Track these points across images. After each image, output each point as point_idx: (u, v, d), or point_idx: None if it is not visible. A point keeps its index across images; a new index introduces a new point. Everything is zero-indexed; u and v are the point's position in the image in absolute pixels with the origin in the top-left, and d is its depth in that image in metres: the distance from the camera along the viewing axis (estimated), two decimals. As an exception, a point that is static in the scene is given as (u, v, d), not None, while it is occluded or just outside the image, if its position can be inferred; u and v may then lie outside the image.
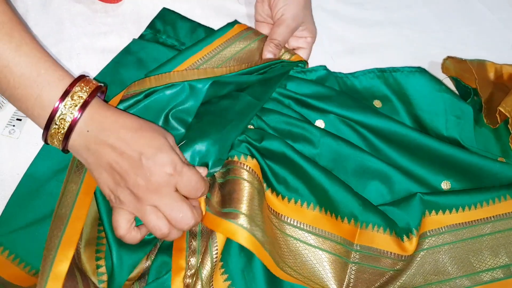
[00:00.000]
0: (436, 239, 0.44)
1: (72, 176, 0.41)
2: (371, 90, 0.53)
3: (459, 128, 0.50)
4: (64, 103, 0.36)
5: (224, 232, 0.40)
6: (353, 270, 0.42)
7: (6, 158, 0.47)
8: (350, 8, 0.59)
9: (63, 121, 0.36)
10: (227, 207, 0.41)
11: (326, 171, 0.44)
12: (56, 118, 0.36)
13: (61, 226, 0.38)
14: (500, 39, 0.59)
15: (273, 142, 0.45)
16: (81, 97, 0.36)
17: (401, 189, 0.46)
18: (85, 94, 0.36)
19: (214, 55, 0.48)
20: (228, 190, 0.42)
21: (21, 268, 0.42)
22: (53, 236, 0.38)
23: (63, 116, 0.36)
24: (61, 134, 0.37)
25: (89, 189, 0.40)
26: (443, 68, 0.55)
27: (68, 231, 0.38)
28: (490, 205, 0.45)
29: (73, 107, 0.36)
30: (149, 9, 0.55)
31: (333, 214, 0.44)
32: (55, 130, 0.36)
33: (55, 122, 0.36)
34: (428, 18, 0.60)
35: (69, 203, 0.40)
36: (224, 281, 0.41)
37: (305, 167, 0.44)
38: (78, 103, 0.36)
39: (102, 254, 0.42)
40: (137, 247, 0.41)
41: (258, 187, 0.42)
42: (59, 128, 0.36)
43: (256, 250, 0.39)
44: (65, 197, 0.40)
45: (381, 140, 0.48)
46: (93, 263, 0.41)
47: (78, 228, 0.39)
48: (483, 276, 0.43)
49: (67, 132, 0.36)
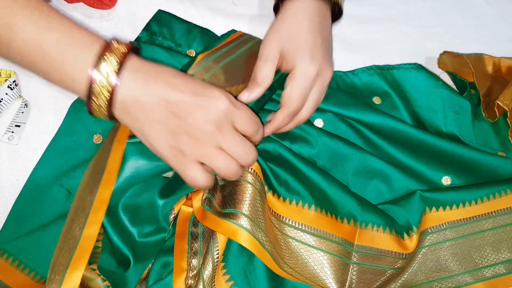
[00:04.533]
0: (437, 236, 0.44)
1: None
2: (371, 87, 0.52)
3: (458, 124, 0.50)
4: (100, 67, 0.33)
5: (224, 232, 0.40)
6: (355, 270, 0.42)
7: (5, 165, 0.47)
8: (346, 5, 0.59)
9: (107, 79, 0.33)
10: (228, 208, 0.41)
11: (323, 172, 0.44)
12: (97, 83, 0.33)
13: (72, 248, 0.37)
14: (498, 32, 0.59)
15: (269, 144, 0.45)
16: (119, 54, 0.34)
17: (400, 187, 0.46)
18: (121, 49, 0.34)
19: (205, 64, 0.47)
20: (229, 192, 0.42)
21: (26, 274, 0.42)
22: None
23: (102, 80, 0.33)
24: (104, 97, 0.34)
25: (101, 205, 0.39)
26: (439, 63, 0.55)
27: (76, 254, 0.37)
28: (491, 200, 0.45)
29: (113, 67, 0.34)
30: (144, 12, 0.55)
31: (333, 215, 0.44)
32: (99, 90, 0.34)
33: (96, 85, 0.34)
34: (425, 13, 0.59)
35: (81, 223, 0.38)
36: (226, 281, 0.41)
37: (302, 168, 0.44)
38: (116, 63, 0.34)
39: (94, 265, 0.42)
40: (150, 253, 0.42)
41: (260, 189, 0.42)
42: (101, 90, 0.34)
43: (256, 250, 0.40)
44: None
45: (380, 137, 0.48)
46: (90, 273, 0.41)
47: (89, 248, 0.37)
48: (485, 272, 0.43)
49: (111, 95, 0.34)
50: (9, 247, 0.42)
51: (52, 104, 0.49)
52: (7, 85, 0.48)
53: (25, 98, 0.49)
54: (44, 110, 0.49)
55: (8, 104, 0.48)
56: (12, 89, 0.49)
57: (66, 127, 0.47)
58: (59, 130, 0.47)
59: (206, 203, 0.43)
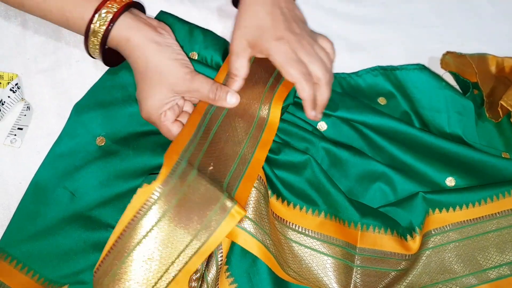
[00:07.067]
0: (441, 238, 0.44)
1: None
2: (375, 88, 0.52)
3: (461, 125, 0.50)
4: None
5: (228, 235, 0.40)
6: (358, 273, 0.42)
7: (8, 168, 0.47)
8: (348, 6, 0.59)
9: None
10: None
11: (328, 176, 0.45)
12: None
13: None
14: (501, 32, 0.59)
15: (282, 152, 0.46)
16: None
17: (403, 189, 0.46)
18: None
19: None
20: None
21: (30, 277, 0.42)
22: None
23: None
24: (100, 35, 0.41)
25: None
26: (442, 64, 0.55)
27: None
28: (494, 201, 0.45)
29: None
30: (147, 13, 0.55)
31: (337, 218, 0.44)
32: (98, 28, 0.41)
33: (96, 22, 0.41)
34: (428, 13, 0.59)
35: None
36: (230, 284, 0.41)
37: (319, 176, 0.44)
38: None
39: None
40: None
41: (264, 193, 0.42)
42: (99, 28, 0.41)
43: (260, 253, 0.39)
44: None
45: (383, 139, 0.48)
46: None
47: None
48: (489, 273, 0.43)
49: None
50: (12, 250, 0.42)
51: (55, 106, 0.49)
52: (10, 88, 0.48)
53: (27, 100, 0.49)
54: (47, 112, 0.49)
55: (10, 107, 0.48)
56: (15, 91, 0.48)
57: (68, 130, 0.47)
58: (61, 132, 0.47)
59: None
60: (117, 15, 0.41)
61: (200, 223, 0.37)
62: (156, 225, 0.37)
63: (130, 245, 0.37)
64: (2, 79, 0.49)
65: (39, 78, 0.51)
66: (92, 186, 0.45)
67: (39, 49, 0.52)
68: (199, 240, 0.37)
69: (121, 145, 0.46)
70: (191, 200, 0.38)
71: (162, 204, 0.37)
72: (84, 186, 0.45)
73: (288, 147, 0.46)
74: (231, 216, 0.37)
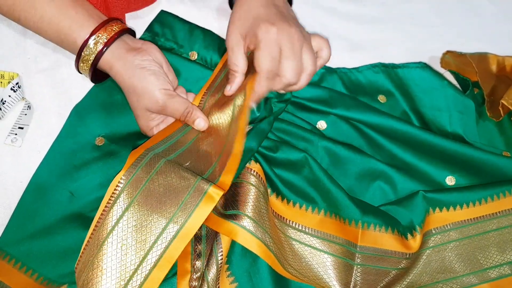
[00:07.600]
0: (441, 237, 0.44)
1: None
2: (375, 84, 0.52)
3: (462, 124, 0.50)
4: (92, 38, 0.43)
5: (226, 232, 0.40)
6: (359, 271, 0.42)
7: (8, 167, 0.47)
8: (349, 5, 0.59)
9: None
10: (230, 209, 0.41)
11: (328, 174, 0.45)
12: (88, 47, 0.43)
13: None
14: (502, 31, 0.59)
15: (280, 151, 0.46)
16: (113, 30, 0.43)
17: (403, 188, 0.46)
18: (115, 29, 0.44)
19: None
20: (231, 194, 0.42)
21: (29, 276, 0.42)
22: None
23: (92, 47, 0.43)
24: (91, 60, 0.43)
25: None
26: (442, 63, 0.55)
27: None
28: (495, 200, 0.45)
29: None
30: (146, 13, 0.55)
31: (337, 216, 0.44)
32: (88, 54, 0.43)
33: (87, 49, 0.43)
34: (428, 12, 0.59)
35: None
36: (230, 283, 0.41)
37: (318, 174, 0.44)
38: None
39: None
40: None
41: (263, 191, 0.42)
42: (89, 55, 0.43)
43: (260, 251, 0.40)
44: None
45: (384, 138, 0.48)
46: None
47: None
48: (490, 273, 0.43)
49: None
50: (12, 250, 0.42)
51: (55, 106, 0.50)
52: (10, 87, 0.48)
53: (28, 100, 0.49)
54: (47, 112, 0.49)
55: (11, 106, 0.48)
56: (15, 91, 0.49)
57: (68, 129, 0.47)
58: (61, 132, 0.47)
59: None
60: (104, 47, 0.43)
61: (175, 206, 0.38)
62: (127, 211, 0.37)
63: (104, 233, 0.37)
64: (3, 78, 0.49)
65: (39, 78, 0.51)
66: (91, 186, 0.45)
67: (39, 49, 0.52)
68: (177, 223, 0.37)
69: (120, 146, 0.47)
70: (162, 185, 0.38)
71: (130, 191, 0.38)
72: (83, 186, 0.45)
73: (285, 145, 0.46)
74: (209, 197, 0.37)
